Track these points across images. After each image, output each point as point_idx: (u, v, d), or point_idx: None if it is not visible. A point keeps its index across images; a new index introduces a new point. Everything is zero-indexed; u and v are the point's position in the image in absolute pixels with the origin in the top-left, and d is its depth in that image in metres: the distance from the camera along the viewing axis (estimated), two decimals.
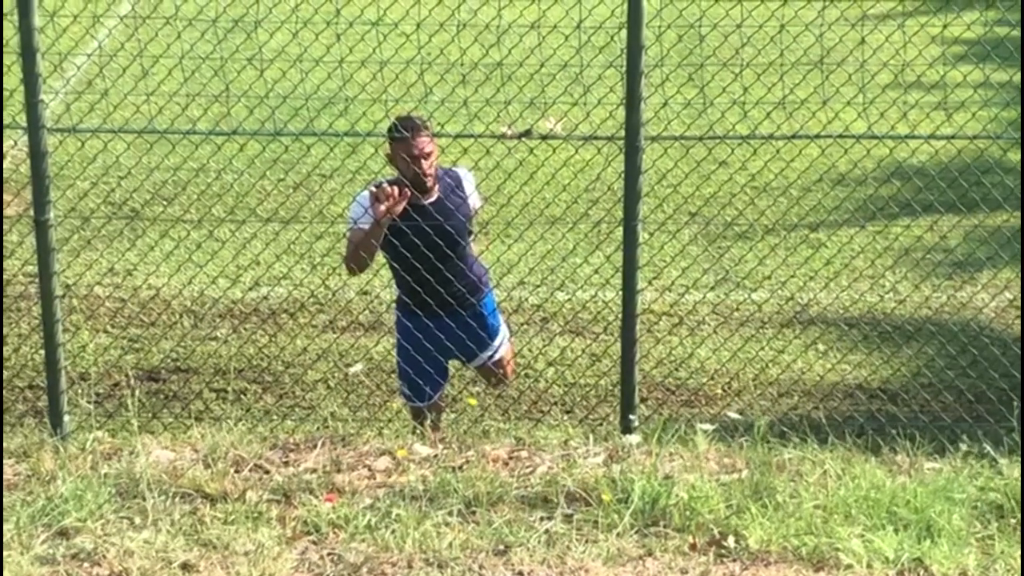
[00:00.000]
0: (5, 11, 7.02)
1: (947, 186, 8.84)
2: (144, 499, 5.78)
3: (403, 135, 7.04)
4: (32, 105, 6.62)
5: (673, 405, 8.35)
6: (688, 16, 8.38)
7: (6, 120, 8.26)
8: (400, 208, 6.94)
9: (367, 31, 7.84)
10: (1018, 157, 10.13)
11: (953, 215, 9.84)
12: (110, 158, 9.52)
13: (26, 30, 6.52)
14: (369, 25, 7.73)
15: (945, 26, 8.26)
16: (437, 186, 7.17)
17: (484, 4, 8.46)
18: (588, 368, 8.64)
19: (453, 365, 7.73)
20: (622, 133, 6.94)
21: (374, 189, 6.99)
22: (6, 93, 7.94)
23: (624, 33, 6.86)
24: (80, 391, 7.81)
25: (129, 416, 6.64)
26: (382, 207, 6.90)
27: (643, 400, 8.12)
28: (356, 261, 7.11)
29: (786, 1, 7.35)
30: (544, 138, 7.82)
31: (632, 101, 6.84)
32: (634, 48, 6.81)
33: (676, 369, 8.64)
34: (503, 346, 7.60)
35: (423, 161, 7.05)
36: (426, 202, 7.12)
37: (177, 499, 5.81)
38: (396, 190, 6.90)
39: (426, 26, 7.86)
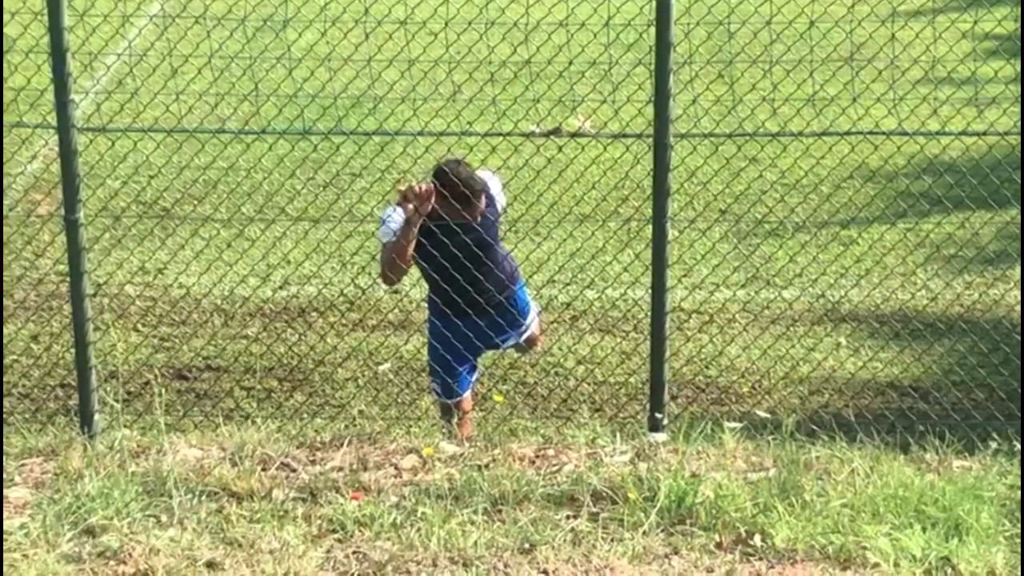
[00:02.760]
0: (36, 11, 7.05)
1: (978, 182, 8.77)
2: (171, 497, 5.79)
3: (467, 193, 7.00)
4: (62, 105, 6.65)
5: (703, 403, 8.33)
6: (717, 13, 8.36)
7: (37, 119, 8.31)
8: (428, 207, 6.94)
9: (395, 30, 7.84)
10: None
11: (985, 211, 9.77)
12: (140, 157, 9.57)
13: (56, 30, 6.54)
14: (397, 24, 7.74)
15: (976, 22, 8.22)
16: None
17: (512, 2, 8.45)
18: (618, 366, 8.62)
19: (483, 362, 7.73)
20: (651, 130, 6.92)
21: (402, 188, 7.00)
22: (35, 93, 7.98)
23: (653, 30, 6.83)
24: (110, 390, 7.85)
25: (158, 415, 6.67)
26: (411, 206, 6.90)
27: (673, 398, 8.11)
28: (392, 268, 7.08)
29: None
30: (573, 136, 7.82)
31: (661, 98, 6.82)
32: (663, 45, 6.79)
33: (706, 367, 8.62)
34: (532, 324, 7.64)
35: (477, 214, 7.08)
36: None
37: (203, 497, 5.82)
38: (423, 189, 6.90)
39: (454, 24, 7.86)
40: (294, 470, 6.09)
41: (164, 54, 8.17)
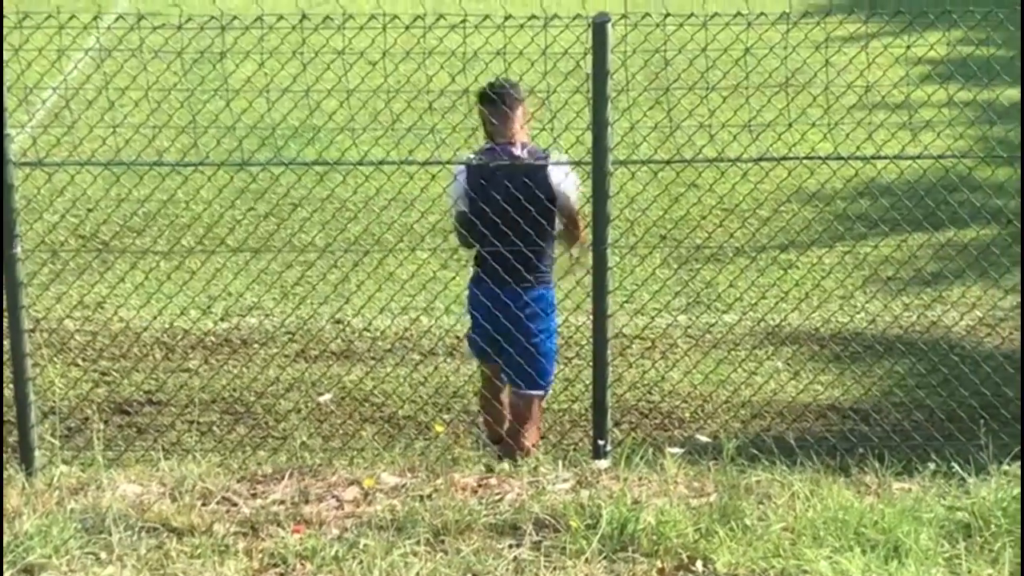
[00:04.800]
0: None
1: (914, 205, 8.88)
2: (110, 534, 5.74)
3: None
4: None
5: (646, 428, 8.35)
6: (653, 41, 8.39)
7: None
8: None
9: (333, 60, 7.84)
10: (984, 175, 10.18)
11: (921, 233, 9.88)
12: (78, 190, 9.52)
13: None
14: (336, 54, 7.74)
15: (908, 47, 8.29)
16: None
17: (450, 31, 8.47)
18: (561, 392, 8.64)
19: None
20: (590, 158, 6.96)
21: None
22: None
23: (590, 59, 6.88)
24: (49, 426, 7.77)
25: (97, 451, 6.62)
26: None
27: (616, 424, 8.13)
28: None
29: (750, 24, 7.37)
30: (512, 163, 7.84)
31: (599, 126, 6.87)
32: (599, 73, 6.84)
33: (649, 392, 8.65)
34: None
35: None
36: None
37: (143, 533, 5.78)
38: None
39: (392, 54, 7.87)
40: (235, 504, 6.06)
41: (101, 87, 8.14)
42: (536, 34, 7.22)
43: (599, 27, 6.77)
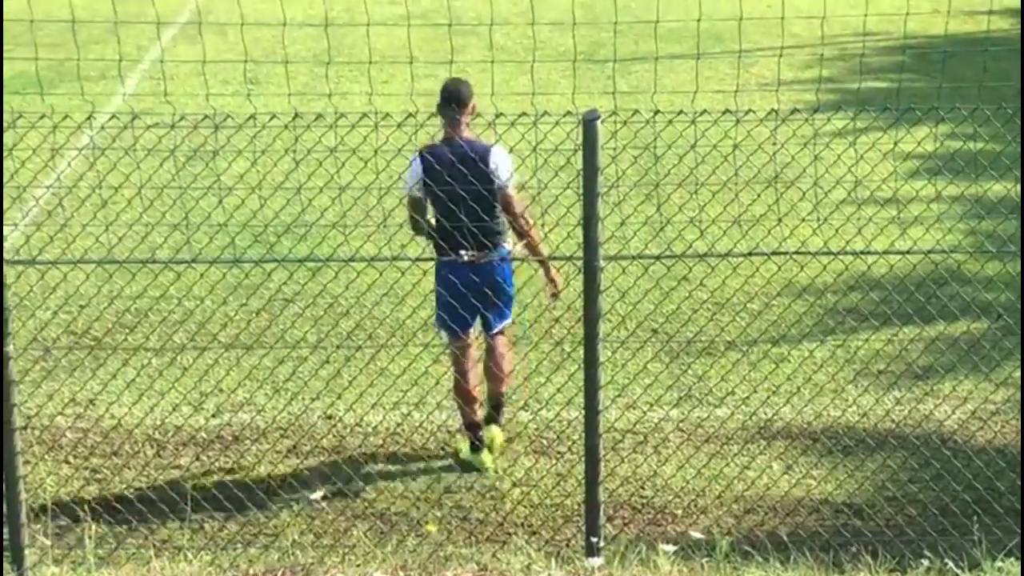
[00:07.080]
0: None
1: (904, 299, 8.91)
2: None
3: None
4: None
5: (639, 524, 8.32)
6: (643, 137, 8.48)
7: None
8: None
9: (325, 157, 7.90)
10: (973, 269, 10.23)
11: (912, 327, 9.90)
12: (71, 288, 9.54)
13: None
14: (327, 151, 7.81)
15: (896, 142, 8.39)
16: None
17: (441, 130, 8.56)
18: (553, 488, 8.61)
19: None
20: (581, 253, 7.00)
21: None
22: None
23: (580, 155, 6.94)
24: (40, 525, 7.73)
25: (89, 549, 6.58)
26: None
27: (609, 519, 8.10)
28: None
29: (739, 121, 7.45)
30: (503, 259, 7.90)
31: (589, 221, 6.92)
32: (590, 169, 6.90)
33: (641, 487, 8.62)
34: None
35: None
36: None
37: None
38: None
39: (384, 151, 7.94)
40: None
41: (94, 186, 8.18)
42: (527, 131, 7.30)
43: (589, 124, 6.84)
